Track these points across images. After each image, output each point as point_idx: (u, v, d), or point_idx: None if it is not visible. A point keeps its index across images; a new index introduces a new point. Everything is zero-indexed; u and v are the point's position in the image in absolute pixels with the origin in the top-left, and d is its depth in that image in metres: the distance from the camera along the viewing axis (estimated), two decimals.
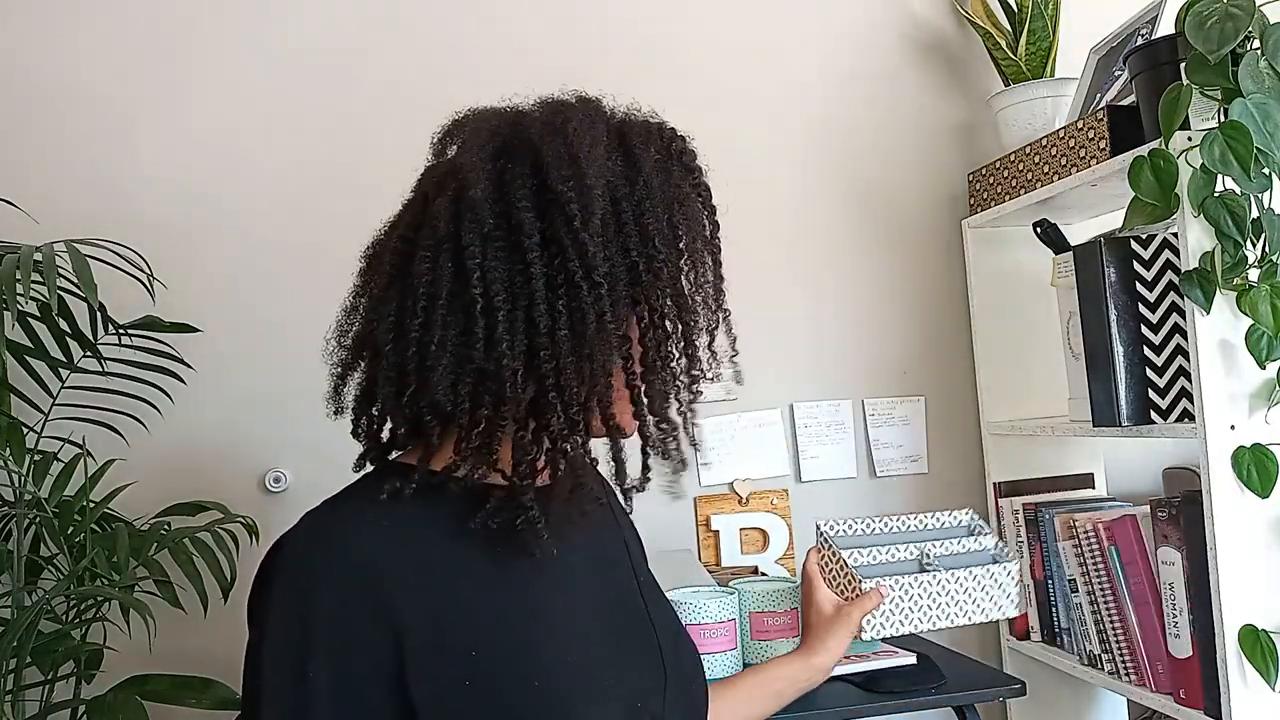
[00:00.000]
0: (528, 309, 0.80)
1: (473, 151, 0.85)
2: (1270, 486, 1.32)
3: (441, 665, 0.78)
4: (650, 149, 0.87)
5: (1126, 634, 1.56)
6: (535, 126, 0.86)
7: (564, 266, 0.80)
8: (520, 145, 0.84)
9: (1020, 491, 1.87)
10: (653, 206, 0.84)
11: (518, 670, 0.80)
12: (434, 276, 0.81)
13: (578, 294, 0.80)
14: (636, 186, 0.84)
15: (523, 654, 0.81)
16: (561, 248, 0.80)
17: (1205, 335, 1.35)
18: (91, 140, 1.75)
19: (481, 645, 0.80)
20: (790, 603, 1.45)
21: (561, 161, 0.82)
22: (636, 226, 0.83)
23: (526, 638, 0.82)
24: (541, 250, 0.80)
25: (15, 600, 1.41)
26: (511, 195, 0.81)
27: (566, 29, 1.92)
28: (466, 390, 0.80)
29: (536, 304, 0.80)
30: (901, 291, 2.02)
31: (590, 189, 0.81)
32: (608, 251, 0.81)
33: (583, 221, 0.80)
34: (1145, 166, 1.35)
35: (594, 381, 0.81)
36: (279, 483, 1.75)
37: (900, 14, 2.06)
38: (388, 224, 0.94)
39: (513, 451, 0.82)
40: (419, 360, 0.81)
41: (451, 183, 0.84)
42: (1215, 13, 1.27)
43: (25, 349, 1.53)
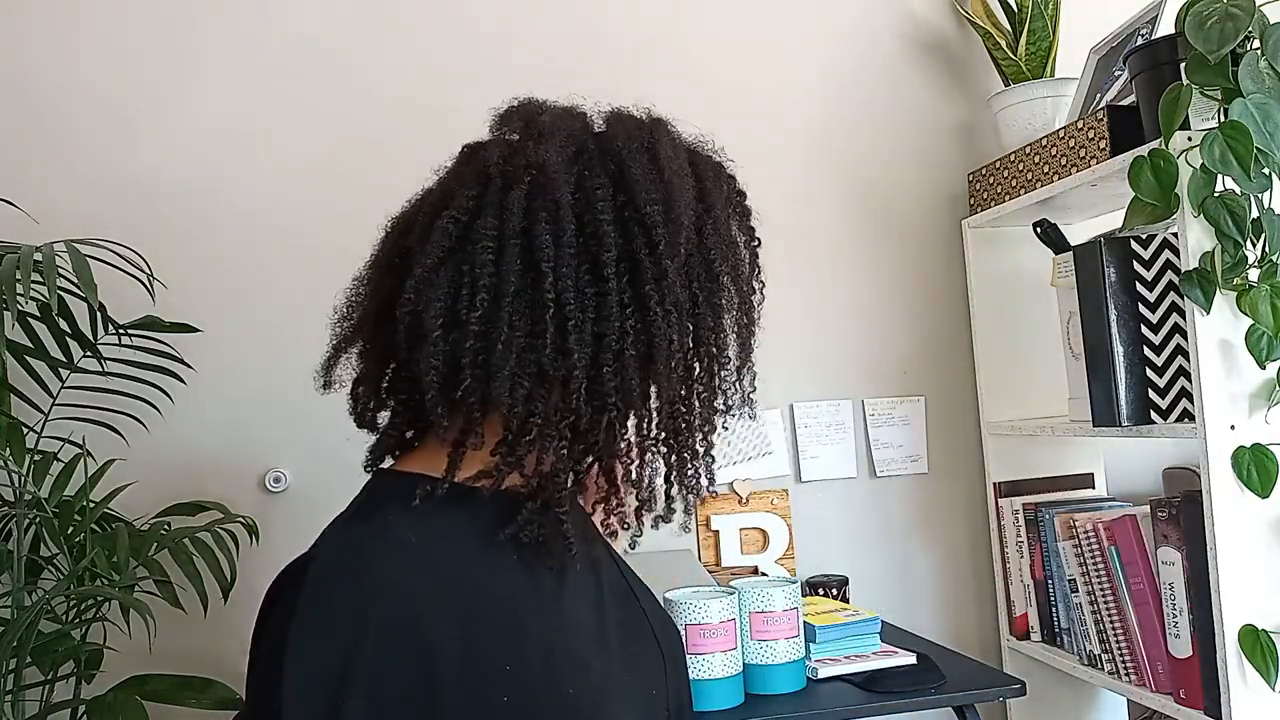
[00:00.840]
0: (598, 321, 0.79)
1: (553, 149, 0.83)
2: (1270, 486, 1.32)
3: (478, 682, 0.75)
4: (721, 186, 0.89)
5: (1126, 634, 1.56)
6: (620, 139, 0.85)
7: (639, 287, 0.80)
8: (603, 155, 0.84)
9: (1020, 491, 1.87)
10: (719, 244, 0.85)
11: (552, 680, 0.79)
12: (499, 270, 0.79)
13: (649, 317, 0.80)
14: (707, 222, 0.85)
15: (554, 664, 0.80)
16: (640, 269, 0.80)
17: (1205, 335, 1.35)
18: (91, 140, 1.75)
19: (515, 660, 0.77)
20: (790, 602, 1.45)
21: (651, 183, 0.82)
22: (703, 261, 0.84)
23: (557, 647, 0.81)
24: (617, 266, 0.80)
25: (15, 600, 1.41)
26: (594, 205, 0.81)
27: (567, 28, 1.92)
28: (522, 394, 0.78)
29: (608, 318, 0.79)
30: (901, 291, 2.02)
31: (679, 218, 0.82)
32: (681, 280, 0.82)
33: (668, 247, 0.80)
34: (1145, 166, 1.35)
35: (644, 403, 0.82)
36: (279, 483, 1.75)
37: (900, 14, 2.06)
38: (422, 198, 0.91)
39: (553, 463, 0.81)
40: (480, 355, 0.78)
41: (526, 176, 0.82)
42: (1215, 13, 1.27)
43: (25, 349, 1.53)
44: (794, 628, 1.46)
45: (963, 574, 2.01)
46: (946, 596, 2.00)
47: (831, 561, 1.93)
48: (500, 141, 0.89)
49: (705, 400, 0.87)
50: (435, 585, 0.77)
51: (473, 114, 1.88)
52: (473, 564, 0.80)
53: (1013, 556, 1.85)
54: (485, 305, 0.78)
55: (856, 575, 1.89)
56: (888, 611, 1.81)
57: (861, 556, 1.96)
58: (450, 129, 1.96)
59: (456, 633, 0.75)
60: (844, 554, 1.95)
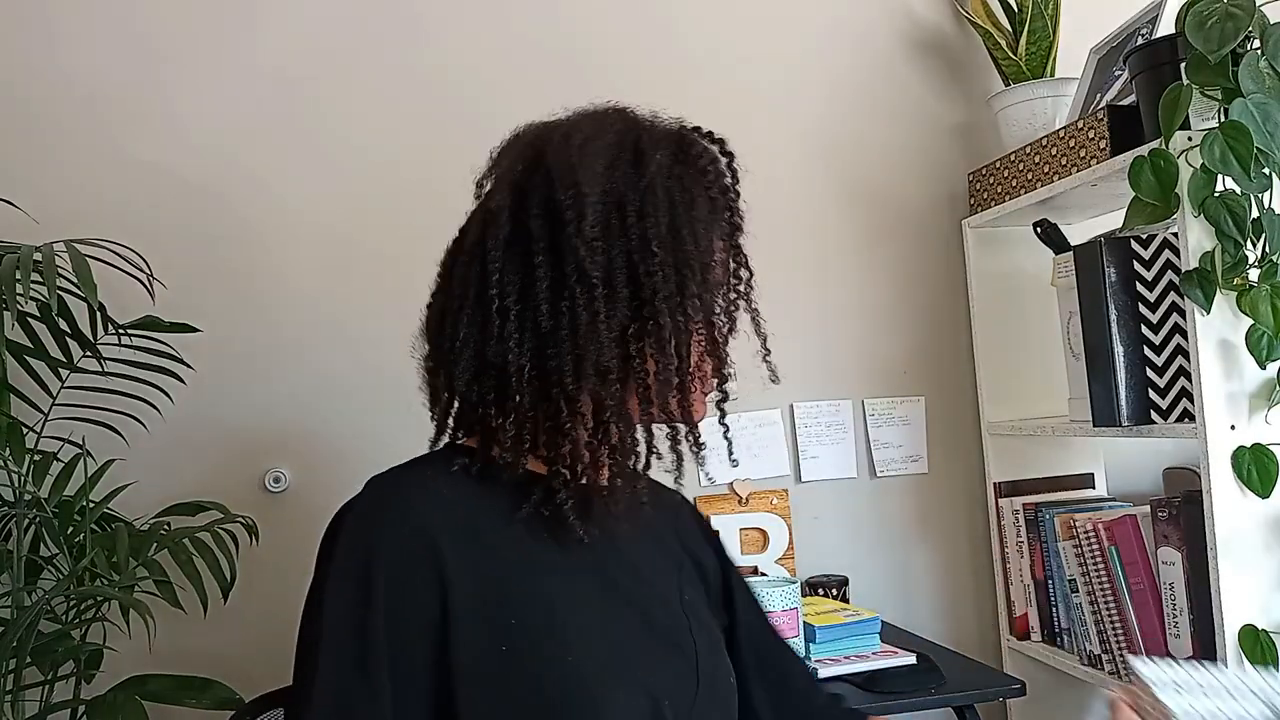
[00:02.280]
0: (534, 310, 0.86)
1: (504, 166, 0.93)
2: (1270, 486, 1.32)
3: (482, 630, 0.83)
4: (659, 154, 0.90)
5: (1127, 634, 1.56)
6: (553, 139, 0.91)
7: (563, 270, 0.86)
8: (537, 157, 0.91)
9: (1020, 491, 1.87)
10: (654, 210, 0.88)
11: (551, 645, 0.85)
12: (465, 279, 0.90)
13: (574, 296, 0.85)
14: (639, 192, 0.88)
15: (557, 631, 0.86)
16: (561, 253, 0.86)
17: (1205, 335, 1.35)
18: (91, 140, 1.75)
19: (520, 617, 0.85)
20: (790, 602, 1.45)
21: (564, 170, 0.88)
22: (637, 230, 0.87)
23: (562, 618, 0.87)
24: (547, 255, 0.86)
25: (15, 600, 1.41)
26: (527, 205, 0.88)
27: (567, 27, 1.92)
28: (490, 385, 0.88)
29: (540, 305, 0.86)
30: (902, 291, 2.02)
31: (585, 195, 0.86)
32: (604, 256, 0.86)
33: (576, 227, 0.86)
34: (1145, 166, 1.35)
35: (592, 376, 0.86)
36: (279, 483, 1.75)
37: (900, 14, 2.06)
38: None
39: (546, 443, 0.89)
40: (449, 355, 0.90)
41: (480, 194, 0.94)
42: (1215, 13, 1.27)
43: (25, 349, 1.52)
44: (794, 628, 1.46)
45: (963, 574, 2.01)
46: (946, 597, 2.00)
47: (831, 562, 1.93)
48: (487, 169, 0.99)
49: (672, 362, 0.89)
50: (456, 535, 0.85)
51: (473, 115, 1.90)
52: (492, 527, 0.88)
53: (1013, 556, 1.85)
54: (453, 312, 0.90)
55: (856, 575, 1.89)
56: (888, 612, 1.81)
57: (861, 557, 1.96)
58: (450, 129, 1.97)
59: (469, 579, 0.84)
60: (844, 554, 1.95)
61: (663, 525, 1.05)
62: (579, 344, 0.85)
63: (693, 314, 0.89)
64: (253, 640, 1.68)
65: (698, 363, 0.91)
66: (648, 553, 1.01)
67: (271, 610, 1.69)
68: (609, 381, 0.86)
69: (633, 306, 0.87)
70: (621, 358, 0.87)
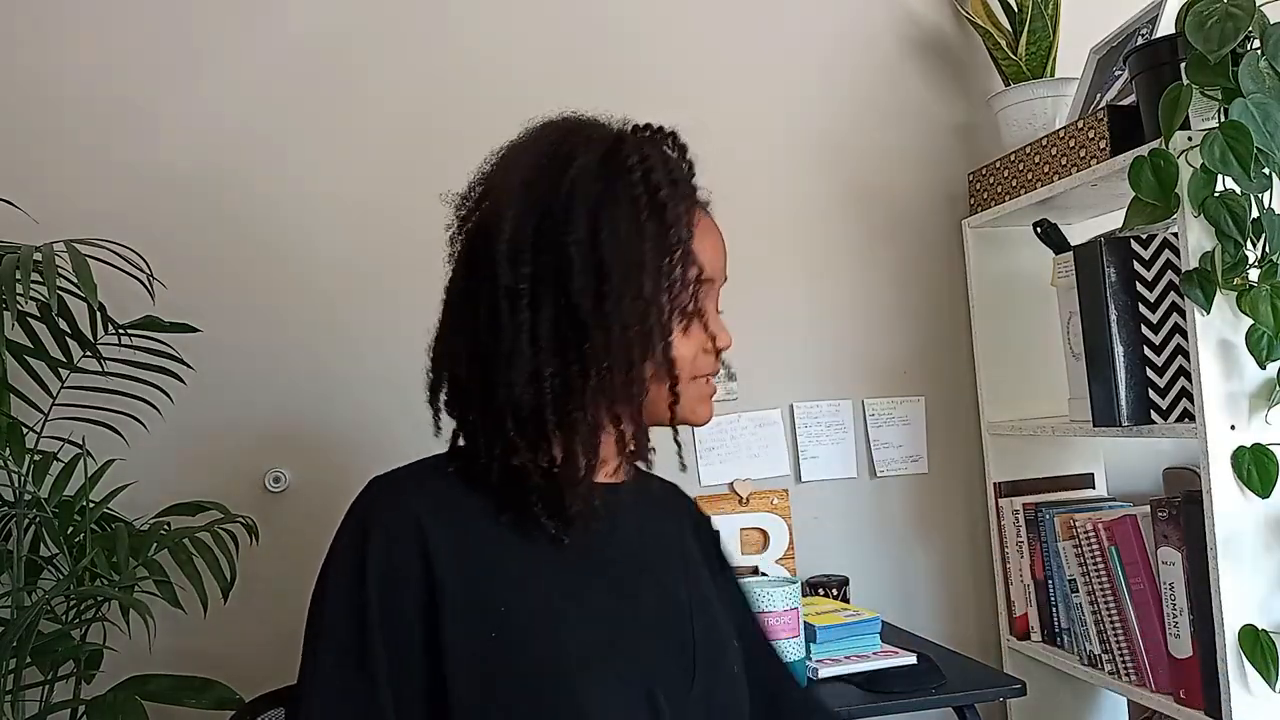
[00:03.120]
0: (473, 325, 0.91)
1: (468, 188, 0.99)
2: (1270, 486, 1.32)
3: (473, 615, 0.87)
4: (584, 156, 0.91)
5: (1127, 634, 1.56)
6: (494, 159, 0.97)
7: (493, 285, 0.89)
8: (481, 178, 0.97)
9: (1020, 491, 1.87)
10: (570, 214, 0.88)
11: (539, 633, 0.88)
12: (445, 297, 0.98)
13: (498, 309, 0.88)
14: (559, 196, 0.89)
15: (545, 620, 0.89)
16: (488, 268, 0.89)
17: (1205, 335, 1.35)
18: (91, 140, 1.75)
19: (508, 604, 0.88)
20: (790, 602, 1.45)
21: (492, 188, 0.94)
22: (555, 235, 0.88)
23: (550, 607, 0.90)
24: (480, 271, 0.90)
25: (15, 600, 1.41)
26: (465, 226, 0.95)
27: (568, 25, 1.92)
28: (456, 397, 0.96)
29: (476, 320, 0.90)
30: (902, 291, 2.02)
31: (502, 210, 0.90)
32: (528, 267, 0.88)
33: (498, 243, 0.88)
34: (1145, 166, 1.35)
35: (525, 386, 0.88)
36: (279, 482, 1.75)
37: (900, 14, 2.06)
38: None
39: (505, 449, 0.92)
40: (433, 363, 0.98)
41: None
42: (1215, 13, 1.27)
43: (25, 349, 1.52)
44: (794, 628, 1.46)
45: (963, 574, 2.01)
46: (947, 597, 2.00)
47: (832, 562, 1.93)
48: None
49: (583, 370, 0.89)
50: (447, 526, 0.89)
51: (473, 117, 1.90)
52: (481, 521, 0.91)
53: (1013, 556, 1.85)
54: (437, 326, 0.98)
55: (857, 575, 1.89)
56: (888, 612, 1.81)
57: (861, 557, 1.96)
58: (450, 131, 1.97)
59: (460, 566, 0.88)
60: (844, 554, 1.95)
61: (666, 520, 1.07)
62: (511, 355, 0.88)
63: (623, 318, 0.88)
64: (253, 640, 1.68)
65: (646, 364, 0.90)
66: (647, 546, 1.02)
67: (271, 610, 1.69)
68: (544, 389, 0.88)
69: (560, 314, 0.88)
70: (559, 365, 0.89)
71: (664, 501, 1.07)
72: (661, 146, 0.97)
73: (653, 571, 1.01)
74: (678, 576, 1.03)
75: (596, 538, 0.94)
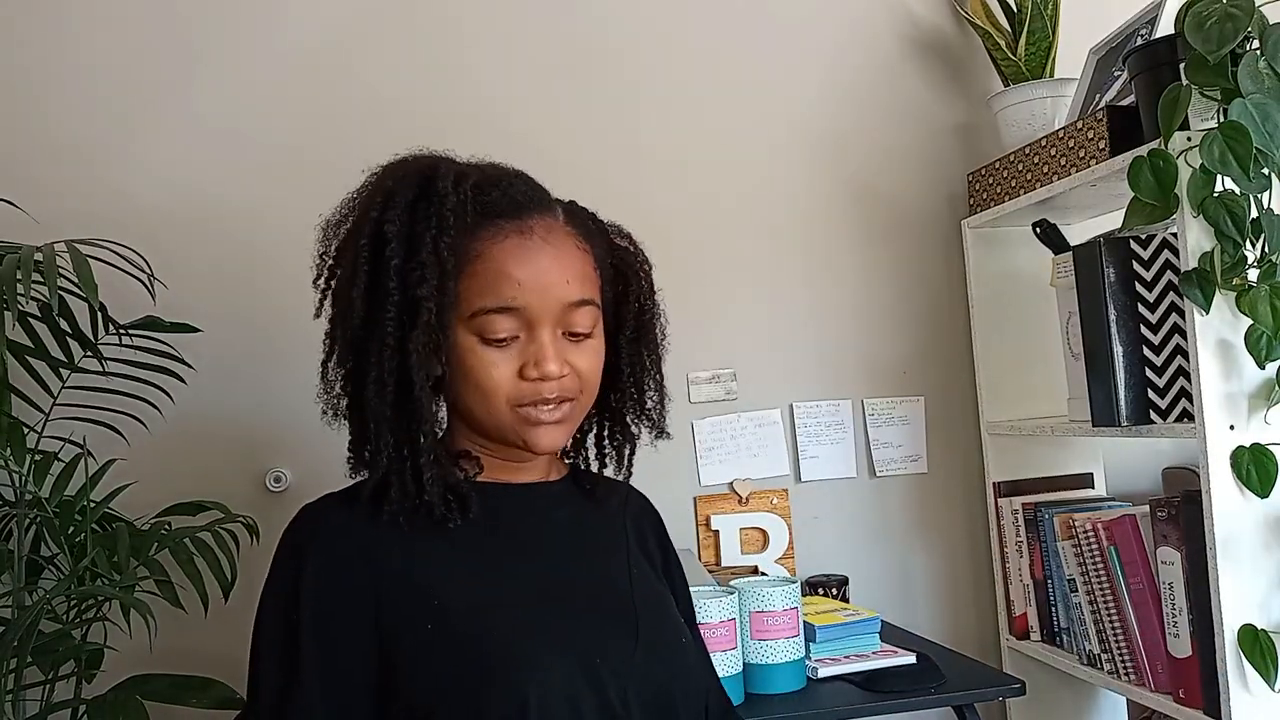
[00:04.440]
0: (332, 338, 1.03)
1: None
2: (1269, 486, 1.32)
3: (410, 608, 0.92)
4: (401, 194, 1.01)
5: (1126, 634, 1.56)
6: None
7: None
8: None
9: (1019, 491, 1.87)
10: (350, 244, 1.02)
11: (472, 615, 0.93)
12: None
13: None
14: (361, 229, 1.01)
15: (476, 602, 0.94)
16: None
17: (1204, 335, 1.36)
18: (92, 140, 1.75)
19: (441, 595, 0.93)
20: (790, 602, 1.46)
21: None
22: (370, 266, 0.98)
23: (480, 590, 0.95)
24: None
25: (16, 600, 1.42)
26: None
27: (570, 30, 1.93)
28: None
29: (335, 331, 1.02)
30: (901, 292, 2.02)
31: (348, 234, 1.04)
32: (353, 291, 0.97)
33: (339, 266, 1.04)
34: (1145, 167, 1.35)
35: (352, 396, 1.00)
36: (279, 482, 1.75)
37: (900, 15, 2.06)
38: None
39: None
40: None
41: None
42: (1215, 13, 1.27)
43: (26, 349, 1.53)
44: (794, 627, 1.46)
45: (962, 574, 2.01)
46: (946, 596, 2.00)
47: (831, 561, 1.93)
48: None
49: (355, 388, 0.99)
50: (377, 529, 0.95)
51: (475, 116, 1.90)
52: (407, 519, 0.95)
53: (1012, 556, 1.86)
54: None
55: (856, 575, 1.89)
56: (887, 611, 1.81)
57: (861, 556, 1.96)
58: (451, 131, 1.96)
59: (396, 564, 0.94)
60: (844, 554, 1.95)
61: (608, 513, 1.11)
62: (353, 364, 0.98)
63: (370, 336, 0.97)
64: None
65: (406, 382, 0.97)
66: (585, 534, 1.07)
67: None
68: (374, 402, 0.95)
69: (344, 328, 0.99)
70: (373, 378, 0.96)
71: (606, 498, 1.11)
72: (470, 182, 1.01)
73: (588, 556, 1.06)
74: (620, 560, 1.07)
75: (525, 527, 1.02)
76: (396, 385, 0.95)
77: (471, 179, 0.99)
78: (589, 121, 1.92)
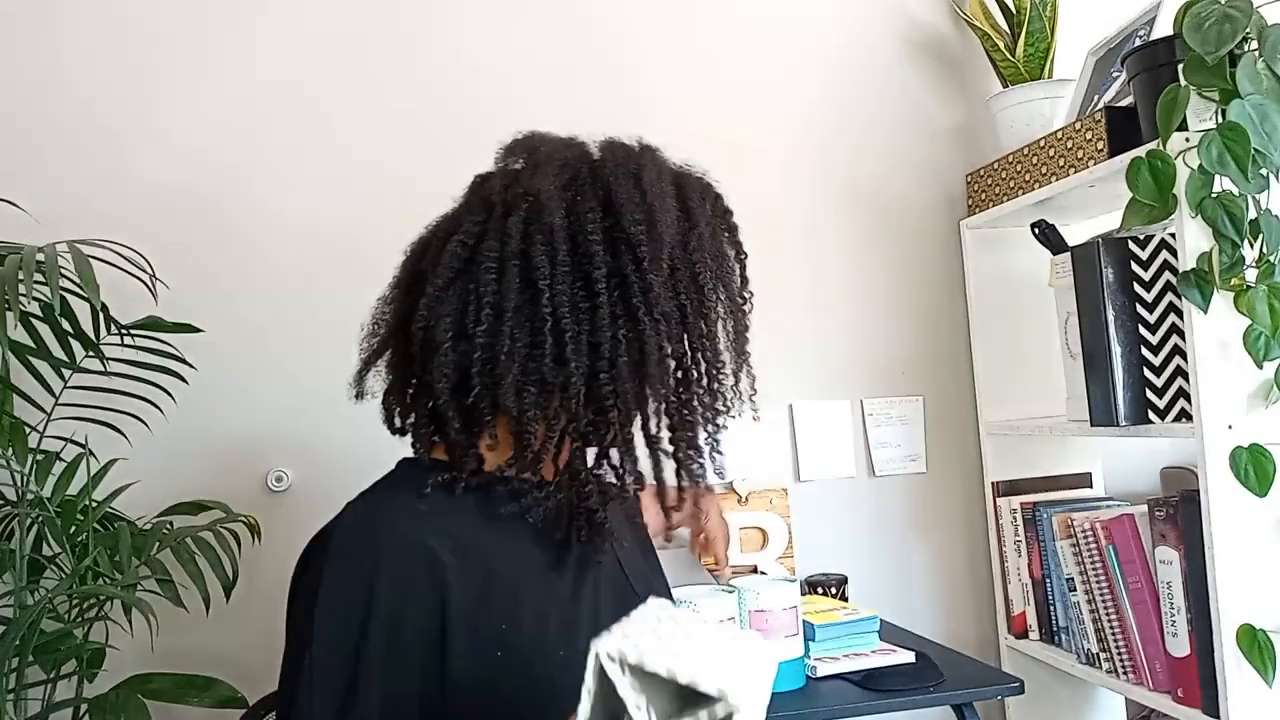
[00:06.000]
0: (592, 333, 0.89)
1: (548, 178, 0.92)
2: (1268, 486, 1.32)
3: (477, 636, 0.86)
4: (705, 206, 0.96)
5: (1124, 633, 1.57)
6: (609, 167, 0.94)
7: (628, 300, 0.89)
8: (594, 182, 0.93)
9: (1018, 491, 1.88)
10: (703, 258, 0.93)
11: (541, 644, 0.89)
12: (500, 288, 0.89)
13: (640, 327, 0.89)
14: (692, 238, 0.93)
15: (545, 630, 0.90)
16: (627, 283, 0.89)
17: (1203, 335, 1.36)
18: (93, 140, 1.75)
19: (511, 621, 0.88)
20: (790, 601, 1.46)
21: (635, 205, 0.90)
22: (689, 274, 0.92)
23: (553, 615, 0.91)
24: (607, 282, 0.89)
25: (18, 599, 1.42)
26: (584, 226, 0.90)
27: (566, 30, 1.93)
28: (530, 399, 0.89)
29: (601, 330, 0.89)
30: (900, 292, 2.02)
31: (661, 235, 0.90)
32: (668, 292, 0.90)
33: (651, 262, 0.89)
34: (1143, 167, 1.36)
35: (643, 405, 0.91)
36: (280, 482, 1.76)
37: (899, 16, 2.07)
38: (437, 224, 1.00)
39: (567, 457, 0.94)
40: (485, 364, 0.89)
41: (523, 204, 0.91)
42: (1213, 14, 1.28)
43: (28, 349, 1.53)
44: (793, 626, 1.46)
45: (961, 573, 2.01)
46: (945, 595, 2.00)
47: (831, 560, 1.94)
48: (503, 172, 0.99)
49: (704, 401, 0.95)
50: (447, 548, 0.87)
51: (475, 117, 1.90)
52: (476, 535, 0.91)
53: (1011, 555, 1.86)
54: (489, 320, 0.88)
55: (855, 574, 1.89)
56: (886, 610, 1.81)
57: (860, 555, 1.96)
58: (451, 132, 1.97)
59: (464, 588, 0.86)
60: (843, 553, 1.95)
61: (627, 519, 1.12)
62: (638, 373, 0.89)
63: (721, 357, 0.97)
64: (255, 639, 1.68)
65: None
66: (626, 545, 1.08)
67: (274, 609, 1.68)
68: (643, 407, 0.92)
69: (683, 343, 0.93)
70: (671, 388, 0.93)
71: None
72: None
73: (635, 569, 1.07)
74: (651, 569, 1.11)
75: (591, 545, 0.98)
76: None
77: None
78: (588, 122, 1.91)
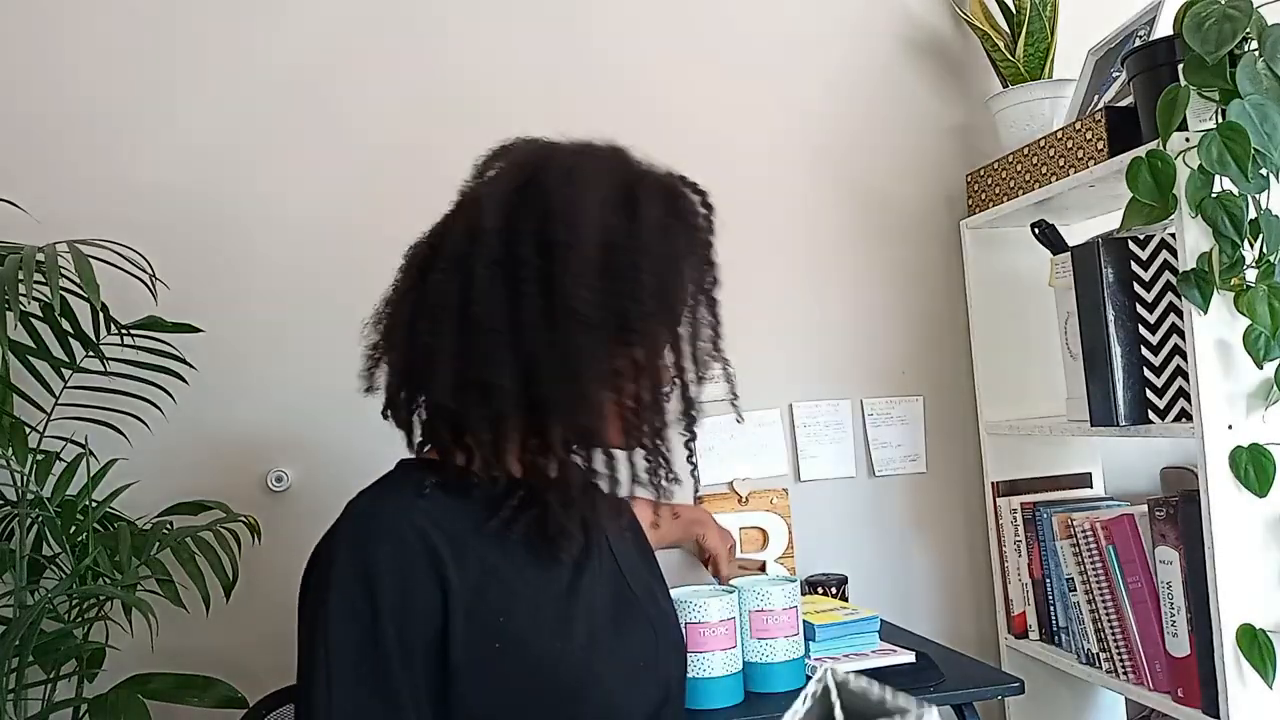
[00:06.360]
0: (519, 335, 0.89)
1: (500, 183, 0.94)
2: (1268, 486, 1.32)
3: (476, 627, 0.89)
4: (654, 208, 0.93)
5: (1124, 633, 1.57)
6: (553, 171, 0.93)
7: (555, 303, 0.88)
8: (535, 186, 0.92)
9: (1018, 491, 1.88)
10: (647, 261, 0.91)
11: (538, 634, 0.91)
12: (445, 289, 0.91)
13: (567, 330, 0.88)
14: (634, 241, 0.91)
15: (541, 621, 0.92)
16: (554, 287, 0.88)
17: (1203, 335, 1.36)
18: (93, 140, 1.75)
19: (508, 613, 0.90)
20: (790, 601, 1.46)
21: (566, 209, 0.90)
22: (629, 278, 0.90)
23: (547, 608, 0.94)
24: (537, 285, 0.89)
25: (18, 599, 1.42)
26: (519, 231, 0.90)
27: (565, 32, 1.93)
28: (472, 400, 0.91)
29: (527, 332, 0.89)
30: (900, 292, 2.03)
31: (586, 239, 0.89)
32: (598, 296, 0.88)
33: (577, 266, 0.88)
34: (1143, 167, 1.36)
35: (580, 407, 0.90)
36: (280, 482, 1.76)
37: (899, 16, 2.07)
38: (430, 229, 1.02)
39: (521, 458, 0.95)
40: (426, 364, 0.91)
41: (474, 209, 0.94)
42: (1213, 14, 1.28)
43: (28, 349, 1.53)
44: (794, 626, 1.46)
45: (961, 573, 2.01)
46: (945, 595, 2.01)
47: (830, 560, 1.94)
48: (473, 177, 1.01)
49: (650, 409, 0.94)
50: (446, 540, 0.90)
51: (475, 118, 1.90)
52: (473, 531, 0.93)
53: (1011, 555, 1.86)
54: (433, 321, 0.91)
55: (855, 574, 1.89)
56: (886, 610, 1.82)
57: (860, 555, 1.97)
58: (450, 132, 1.97)
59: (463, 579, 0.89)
60: (843, 553, 1.96)
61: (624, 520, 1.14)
62: (567, 375, 0.89)
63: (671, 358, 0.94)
64: (255, 639, 1.69)
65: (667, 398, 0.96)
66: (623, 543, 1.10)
67: (274, 609, 1.69)
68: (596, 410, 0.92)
69: (616, 346, 0.91)
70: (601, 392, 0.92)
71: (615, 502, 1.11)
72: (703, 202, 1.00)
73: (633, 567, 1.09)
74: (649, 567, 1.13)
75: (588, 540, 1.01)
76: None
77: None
78: (588, 123, 1.91)
